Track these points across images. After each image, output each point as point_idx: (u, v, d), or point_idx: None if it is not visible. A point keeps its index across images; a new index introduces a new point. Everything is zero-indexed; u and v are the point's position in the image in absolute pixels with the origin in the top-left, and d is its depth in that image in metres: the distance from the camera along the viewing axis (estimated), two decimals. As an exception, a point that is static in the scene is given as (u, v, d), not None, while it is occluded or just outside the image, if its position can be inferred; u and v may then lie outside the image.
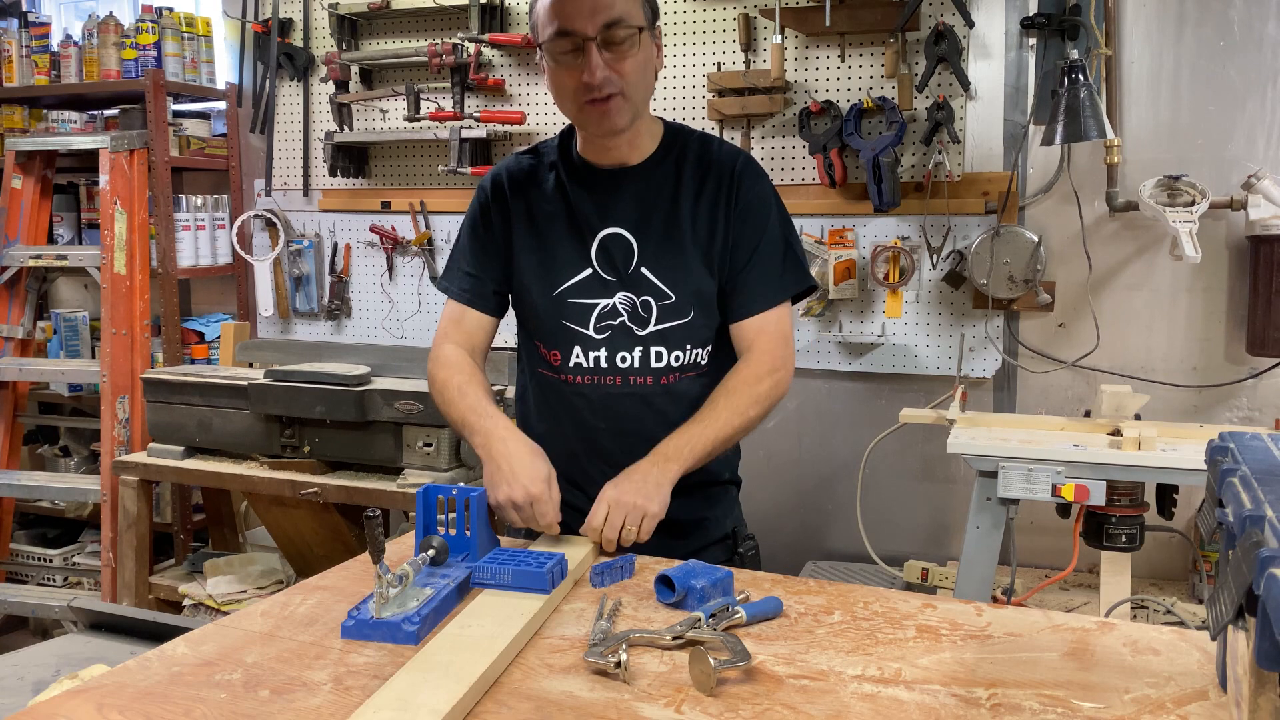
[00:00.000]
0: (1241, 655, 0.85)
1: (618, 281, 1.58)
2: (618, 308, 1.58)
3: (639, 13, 1.48)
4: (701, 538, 1.67)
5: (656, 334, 1.58)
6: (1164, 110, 2.54)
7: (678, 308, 1.57)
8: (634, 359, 1.58)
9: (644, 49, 1.49)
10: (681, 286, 1.57)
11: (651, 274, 1.57)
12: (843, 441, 2.89)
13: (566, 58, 1.47)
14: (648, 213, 1.58)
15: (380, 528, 1.16)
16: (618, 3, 1.45)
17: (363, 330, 3.42)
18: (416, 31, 3.22)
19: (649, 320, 1.57)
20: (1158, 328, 2.59)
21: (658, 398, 1.58)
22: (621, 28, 1.45)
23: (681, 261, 1.57)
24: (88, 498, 3.26)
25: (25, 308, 3.45)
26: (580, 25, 1.44)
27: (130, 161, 3.23)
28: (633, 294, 1.57)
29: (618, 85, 1.47)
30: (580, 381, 1.60)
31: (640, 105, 1.53)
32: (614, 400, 1.59)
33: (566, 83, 1.49)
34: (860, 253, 2.78)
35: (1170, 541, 2.54)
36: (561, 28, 1.45)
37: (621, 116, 1.50)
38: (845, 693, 1.02)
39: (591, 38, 1.44)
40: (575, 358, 1.60)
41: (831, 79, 2.77)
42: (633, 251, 1.58)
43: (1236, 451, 0.95)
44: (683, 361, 1.59)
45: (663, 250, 1.57)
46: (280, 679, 1.06)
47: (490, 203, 1.65)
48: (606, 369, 1.59)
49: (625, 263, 1.58)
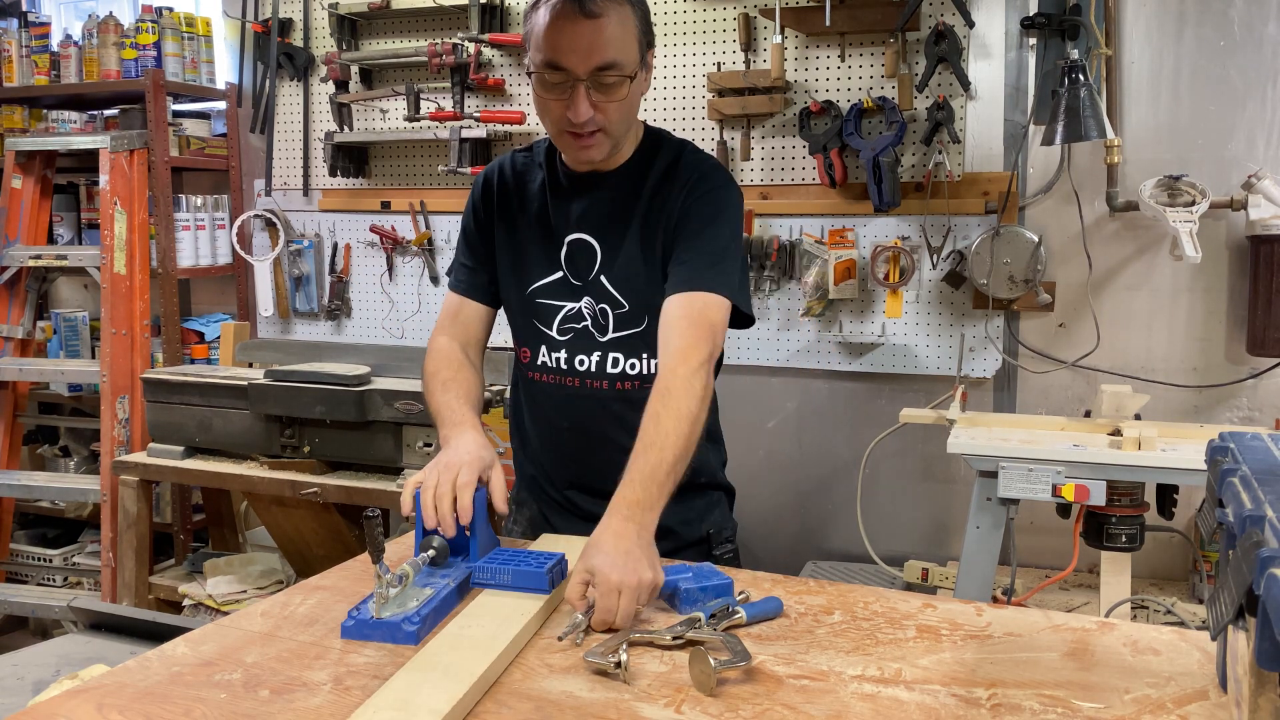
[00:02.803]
0: (1241, 655, 0.85)
1: (582, 286, 1.59)
2: (582, 312, 1.59)
3: (633, 54, 1.45)
4: (673, 541, 1.65)
5: (614, 341, 1.58)
6: (1164, 110, 2.54)
7: (632, 316, 1.57)
8: (591, 363, 1.59)
9: (633, 89, 1.47)
10: (634, 296, 1.56)
11: (608, 282, 1.57)
12: (843, 441, 2.89)
13: (553, 88, 1.44)
14: (611, 220, 1.57)
15: (380, 528, 1.16)
16: (612, 45, 1.41)
17: (363, 330, 3.42)
18: (416, 31, 3.22)
19: (608, 327, 1.58)
20: (1158, 328, 2.59)
21: (614, 403, 1.58)
22: (613, 73, 1.42)
23: (635, 270, 1.56)
24: (88, 498, 3.26)
25: (25, 308, 3.45)
26: (572, 64, 1.41)
27: (130, 161, 3.23)
28: (594, 300, 1.58)
29: (600, 124, 1.45)
30: (545, 380, 1.63)
31: (620, 139, 1.52)
32: (573, 401, 1.61)
33: (550, 109, 1.47)
34: (860, 253, 2.78)
35: (1170, 541, 2.54)
36: (552, 60, 1.42)
37: (599, 151, 1.50)
38: (845, 693, 1.02)
39: (581, 79, 1.42)
40: (541, 356, 1.62)
41: (831, 79, 2.77)
42: (595, 258, 1.58)
43: (1236, 451, 0.94)
44: (639, 370, 1.59)
45: (620, 259, 1.56)
46: (280, 679, 1.06)
47: (479, 199, 1.67)
48: (566, 370, 1.60)
49: (588, 269, 1.58)
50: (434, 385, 1.58)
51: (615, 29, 1.42)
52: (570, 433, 1.63)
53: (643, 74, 1.50)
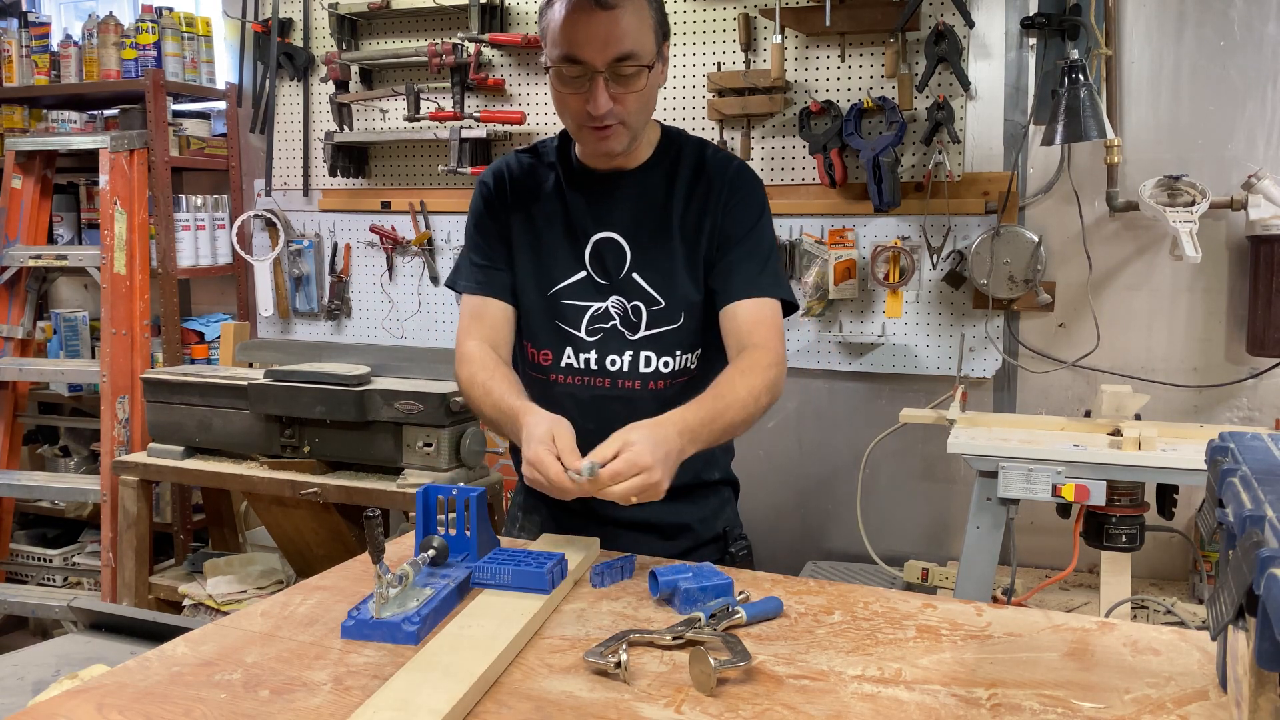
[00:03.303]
0: (1241, 655, 0.85)
1: (610, 285, 1.58)
2: (610, 311, 1.58)
3: (650, 44, 1.46)
4: (691, 539, 1.66)
5: (647, 339, 1.57)
6: (1164, 110, 2.54)
7: (668, 313, 1.57)
8: (624, 363, 1.58)
9: (651, 80, 1.48)
10: (671, 293, 1.57)
11: (642, 279, 1.57)
12: (843, 441, 2.89)
13: (572, 81, 1.45)
14: (640, 218, 1.58)
15: (380, 528, 1.16)
16: (629, 35, 1.42)
17: (363, 330, 3.42)
18: (416, 31, 3.22)
19: (639, 325, 1.57)
20: (1158, 328, 2.59)
21: (645, 402, 1.57)
22: (630, 64, 1.43)
23: (671, 268, 1.57)
24: (88, 498, 3.26)
25: (25, 308, 3.45)
26: (589, 56, 1.42)
27: (130, 161, 3.23)
28: (624, 299, 1.57)
29: (619, 116, 1.46)
30: (570, 382, 1.60)
31: (639, 130, 1.53)
32: (603, 402, 1.59)
33: (568, 103, 1.48)
34: (860, 253, 2.78)
35: (1170, 541, 2.54)
36: (570, 54, 1.43)
37: (618, 143, 1.50)
38: (845, 693, 1.02)
39: (600, 71, 1.42)
40: (566, 358, 1.60)
41: (831, 79, 2.77)
42: (625, 256, 1.57)
43: (1236, 451, 0.94)
44: (672, 367, 1.59)
45: (654, 256, 1.57)
46: (280, 679, 1.06)
47: (493, 196, 1.64)
48: (596, 371, 1.59)
49: (617, 267, 1.58)
50: (477, 394, 1.53)
51: (631, 20, 1.43)
52: (596, 434, 1.58)
53: (659, 65, 1.51)
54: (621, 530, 1.58)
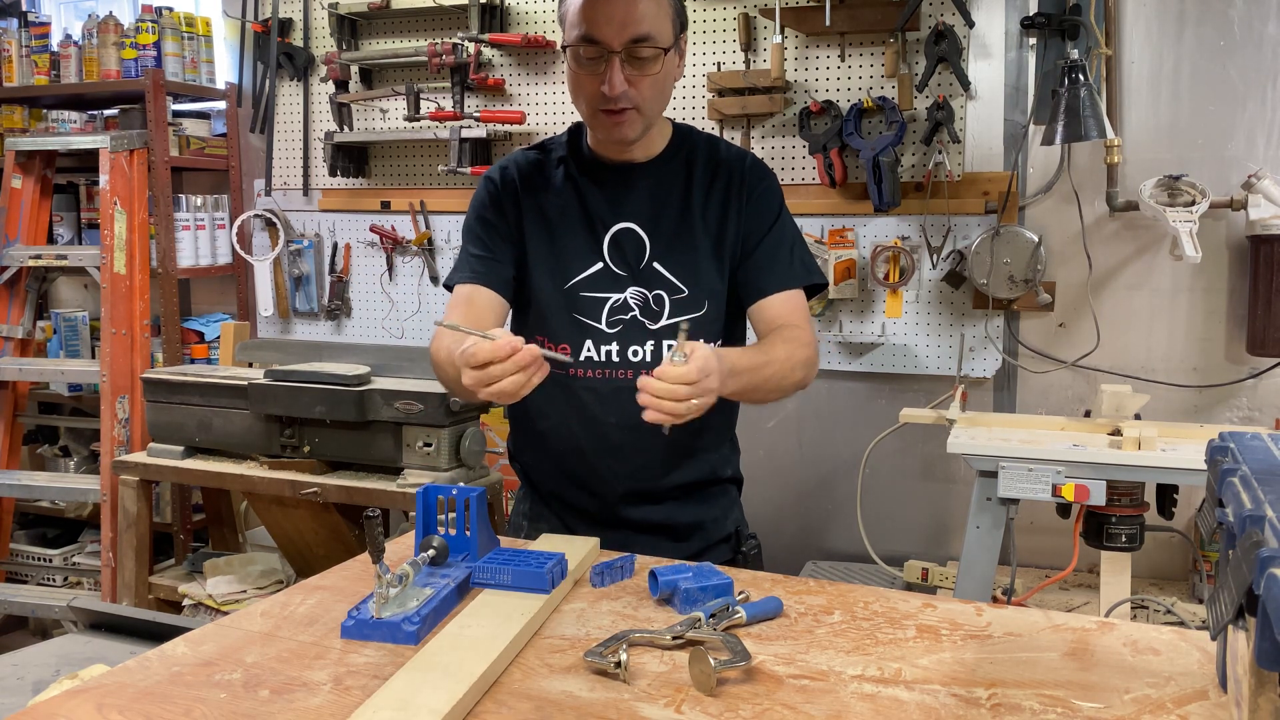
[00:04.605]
0: (1241, 655, 0.85)
1: (629, 276, 1.58)
2: (629, 302, 1.58)
3: (667, 29, 1.48)
4: (703, 539, 1.67)
5: (669, 328, 1.57)
6: (1164, 110, 2.54)
7: (693, 301, 1.58)
8: (646, 353, 1.58)
9: (667, 66, 1.49)
10: (696, 281, 1.57)
11: (664, 269, 1.57)
12: (843, 441, 2.89)
13: (588, 63, 1.46)
14: (660, 208, 1.58)
15: (380, 528, 1.16)
16: (647, 18, 1.44)
17: (363, 330, 3.42)
18: (416, 31, 3.22)
19: (661, 314, 1.57)
20: (1158, 328, 2.59)
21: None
22: (648, 46, 1.45)
23: (695, 257, 1.58)
24: (88, 498, 3.26)
25: (25, 308, 3.45)
26: (607, 36, 1.43)
27: (130, 161, 3.23)
28: (644, 289, 1.58)
29: (634, 100, 1.47)
30: (591, 375, 1.59)
31: (654, 117, 1.54)
32: (626, 394, 1.56)
33: (584, 86, 1.49)
34: (860, 252, 2.78)
35: (1170, 541, 2.54)
36: (588, 34, 1.44)
37: (633, 129, 1.51)
38: (845, 693, 1.02)
39: (616, 51, 1.44)
40: (586, 351, 1.59)
41: (831, 79, 2.77)
42: (645, 246, 1.58)
43: (1236, 451, 0.94)
44: None
45: (676, 246, 1.58)
46: (280, 679, 1.06)
47: (501, 192, 1.62)
48: (618, 363, 1.58)
49: (637, 258, 1.58)
50: (442, 357, 1.47)
51: (649, 3, 1.45)
52: (618, 428, 1.57)
53: (676, 56, 1.52)
54: (633, 534, 1.58)
